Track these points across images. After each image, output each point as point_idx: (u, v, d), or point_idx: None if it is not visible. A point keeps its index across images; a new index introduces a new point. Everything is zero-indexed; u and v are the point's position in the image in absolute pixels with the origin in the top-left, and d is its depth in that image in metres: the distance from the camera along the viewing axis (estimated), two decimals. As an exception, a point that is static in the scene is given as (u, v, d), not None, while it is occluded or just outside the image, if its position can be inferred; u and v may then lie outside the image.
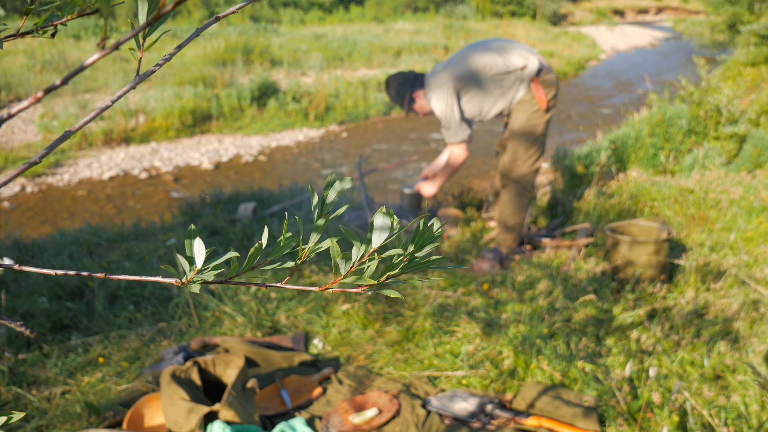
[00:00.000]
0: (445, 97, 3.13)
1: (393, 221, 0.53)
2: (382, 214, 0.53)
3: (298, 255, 0.54)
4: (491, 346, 2.33)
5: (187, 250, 0.51)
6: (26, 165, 0.46)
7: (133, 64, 11.65)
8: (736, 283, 2.78)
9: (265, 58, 13.38)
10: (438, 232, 0.54)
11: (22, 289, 2.99)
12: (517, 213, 3.23)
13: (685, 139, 5.12)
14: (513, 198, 3.22)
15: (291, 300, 2.81)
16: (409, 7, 28.97)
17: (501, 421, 1.95)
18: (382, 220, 0.53)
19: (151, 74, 0.47)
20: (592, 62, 17.17)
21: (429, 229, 0.54)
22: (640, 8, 37.06)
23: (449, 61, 3.23)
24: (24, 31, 0.61)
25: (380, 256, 0.53)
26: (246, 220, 3.95)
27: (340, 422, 1.96)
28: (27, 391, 2.16)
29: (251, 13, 23.52)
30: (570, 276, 2.91)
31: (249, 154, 7.85)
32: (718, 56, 12.78)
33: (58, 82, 0.36)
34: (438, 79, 3.17)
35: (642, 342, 2.32)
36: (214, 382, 2.07)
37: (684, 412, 1.90)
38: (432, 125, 9.67)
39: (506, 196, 3.24)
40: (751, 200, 3.68)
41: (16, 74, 10.27)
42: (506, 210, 3.26)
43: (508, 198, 3.24)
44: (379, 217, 0.53)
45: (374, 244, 0.53)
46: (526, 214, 3.30)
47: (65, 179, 6.76)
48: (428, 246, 0.53)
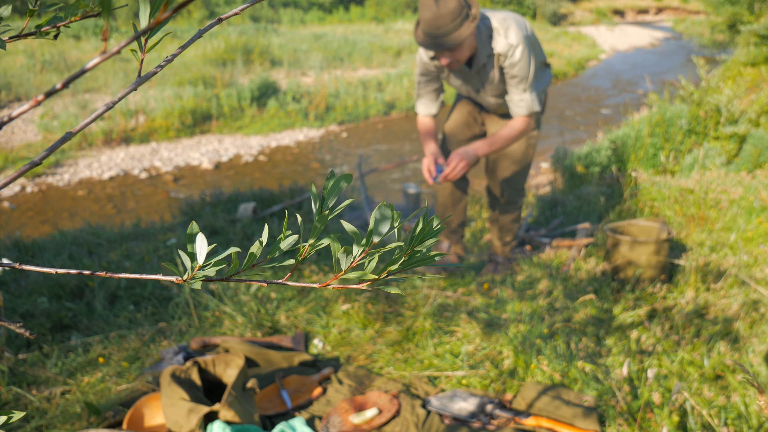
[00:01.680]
0: (528, 51, 2.50)
1: (393, 216, 0.53)
2: (382, 208, 0.53)
3: (299, 252, 0.54)
4: (491, 346, 2.34)
5: (189, 247, 0.51)
6: (27, 166, 0.46)
7: (133, 64, 11.65)
8: (736, 283, 2.78)
9: (265, 58, 13.38)
10: (438, 229, 0.54)
11: (22, 289, 2.99)
12: (517, 228, 3.14)
13: (685, 139, 5.12)
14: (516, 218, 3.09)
15: (291, 300, 2.81)
16: (409, 7, 28.95)
17: (501, 421, 1.95)
18: (382, 214, 0.53)
19: (152, 76, 0.47)
20: (592, 62, 17.17)
21: (429, 224, 0.54)
22: (640, 8, 37.06)
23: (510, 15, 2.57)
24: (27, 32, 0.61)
25: (381, 249, 0.53)
26: (246, 220, 3.95)
27: (340, 422, 1.96)
28: (27, 391, 2.16)
29: (251, 13, 23.50)
30: (570, 276, 2.91)
31: (249, 154, 7.85)
32: (718, 56, 12.78)
33: (59, 86, 0.37)
34: (520, 22, 2.53)
35: (642, 342, 2.32)
36: (214, 382, 2.07)
37: (684, 412, 1.90)
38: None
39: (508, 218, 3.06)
40: (751, 200, 3.68)
41: (16, 74, 10.27)
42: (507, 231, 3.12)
43: (510, 219, 3.06)
44: (379, 212, 0.53)
45: (375, 239, 0.53)
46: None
47: (65, 179, 6.76)
48: (428, 241, 0.54)
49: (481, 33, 2.50)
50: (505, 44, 2.48)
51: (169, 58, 0.49)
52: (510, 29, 2.47)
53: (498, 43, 2.49)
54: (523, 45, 2.46)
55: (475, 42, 2.49)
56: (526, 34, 2.50)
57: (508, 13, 2.56)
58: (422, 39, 2.43)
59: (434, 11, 2.33)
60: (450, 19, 2.33)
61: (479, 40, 2.50)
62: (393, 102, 10.49)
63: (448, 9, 2.33)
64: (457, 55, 2.45)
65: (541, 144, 8.45)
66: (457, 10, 2.33)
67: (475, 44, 2.50)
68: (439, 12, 2.33)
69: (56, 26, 0.61)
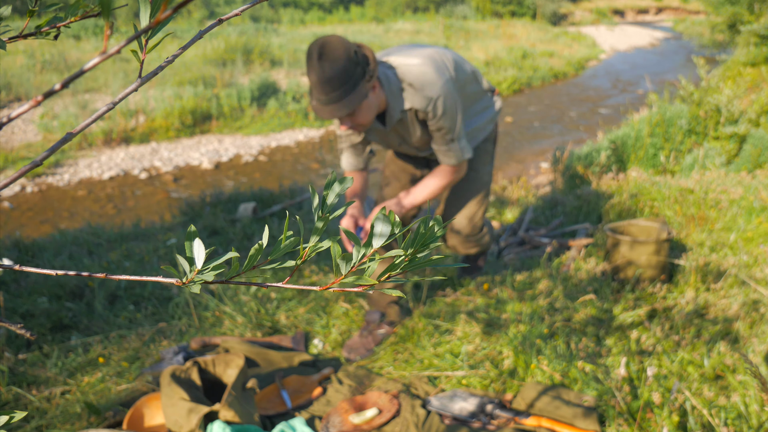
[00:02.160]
0: (453, 97, 2.15)
1: (394, 221, 0.53)
2: (382, 214, 0.53)
3: (299, 255, 0.54)
4: (491, 346, 2.34)
5: (187, 251, 0.51)
6: (28, 167, 0.46)
7: (133, 64, 11.65)
8: (736, 283, 2.78)
9: (265, 58, 13.39)
10: (439, 232, 0.54)
11: (22, 289, 3.00)
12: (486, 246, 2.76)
13: (685, 139, 5.12)
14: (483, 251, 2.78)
15: (291, 300, 2.81)
16: (409, 7, 28.97)
17: (501, 421, 1.95)
18: (382, 220, 0.53)
19: (153, 76, 0.47)
20: (592, 62, 17.17)
21: (430, 229, 0.54)
22: (640, 8, 37.07)
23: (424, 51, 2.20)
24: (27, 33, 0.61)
25: (381, 257, 0.53)
26: (246, 220, 3.95)
27: (340, 422, 1.96)
28: (27, 391, 2.16)
29: (251, 13, 23.51)
30: (570, 276, 2.91)
31: (249, 154, 7.85)
32: (718, 56, 12.78)
33: (58, 86, 0.37)
34: (438, 62, 2.15)
35: (642, 342, 2.32)
36: (214, 382, 2.08)
37: (684, 412, 1.90)
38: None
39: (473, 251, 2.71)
40: (751, 200, 3.68)
41: (16, 74, 10.27)
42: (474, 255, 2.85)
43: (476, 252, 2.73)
44: (380, 218, 0.53)
45: (375, 244, 0.53)
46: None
47: (65, 179, 6.76)
48: (429, 246, 0.54)
49: (391, 85, 2.10)
50: (422, 98, 2.10)
51: (169, 59, 0.49)
52: (426, 80, 2.08)
53: (413, 98, 2.11)
54: (444, 95, 2.09)
55: (384, 96, 2.11)
56: (448, 78, 2.13)
57: (424, 52, 2.17)
58: (314, 105, 2.01)
59: (320, 74, 1.92)
60: (340, 83, 1.92)
61: (389, 94, 2.11)
62: (393, 102, 10.47)
63: (337, 70, 1.90)
64: (358, 120, 2.04)
65: (541, 144, 8.46)
66: (347, 70, 1.92)
67: (382, 100, 2.11)
68: (325, 75, 1.91)
69: (56, 26, 0.61)
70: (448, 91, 2.11)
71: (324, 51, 1.90)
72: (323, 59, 1.90)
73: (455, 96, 2.14)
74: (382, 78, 2.09)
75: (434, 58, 2.14)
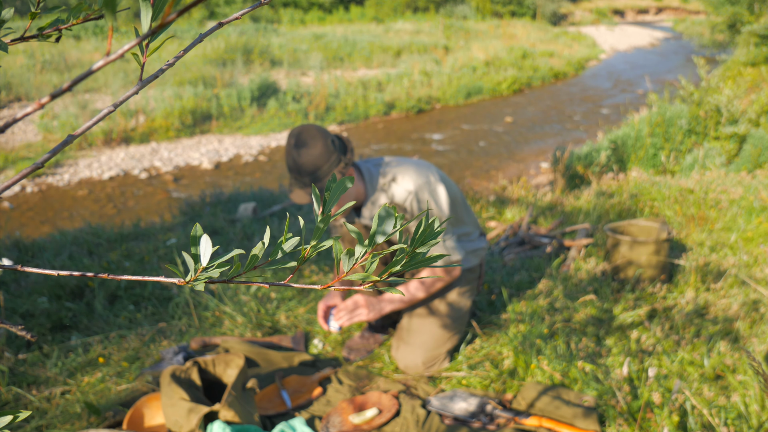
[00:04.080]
0: (437, 191, 2.08)
1: (395, 218, 0.54)
2: (385, 209, 0.53)
3: (300, 254, 0.54)
4: (491, 346, 2.34)
5: (193, 248, 0.51)
6: (30, 169, 0.46)
7: (133, 64, 11.65)
8: (736, 283, 2.79)
9: (265, 58, 13.39)
10: (439, 230, 0.54)
11: (22, 289, 3.00)
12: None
13: (685, 139, 5.13)
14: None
15: (291, 300, 2.81)
16: (409, 7, 28.97)
17: (501, 421, 1.95)
18: (384, 216, 0.54)
19: (154, 79, 0.47)
20: (592, 62, 17.18)
21: (430, 226, 0.54)
22: (640, 8, 37.07)
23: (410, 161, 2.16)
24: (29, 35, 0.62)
25: (383, 252, 0.53)
26: (246, 220, 3.95)
27: (340, 422, 1.96)
28: (27, 391, 2.16)
29: (251, 13, 23.51)
30: (570, 276, 2.91)
31: (249, 154, 7.86)
32: (718, 56, 12.79)
33: (66, 86, 0.37)
34: (418, 165, 2.12)
35: (642, 342, 2.32)
36: (214, 382, 2.08)
37: (684, 411, 1.90)
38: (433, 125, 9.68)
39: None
40: (751, 200, 3.69)
41: (16, 74, 10.27)
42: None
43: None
44: (382, 214, 0.53)
45: (378, 240, 0.53)
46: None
47: (65, 179, 6.76)
48: (429, 243, 0.54)
49: (373, 177, 2.07)
50: (401, 192, 2.03)
51: (170, 62, 0.49)
52: (408, 175, 2.06)
53: (392, 191, 2.05)
54: (427, 188, 2.05)
55: (362, 188, 2.06)
56: (427, 180, 2.07)
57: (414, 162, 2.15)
58: (287, 187, 2.03)
59: (294, 158, 1.91)
60: (312, 168, 1.90)
61: (369, 186, 2.06)
62: (393, 102, 10.50)
63: (312, 156, 1.89)
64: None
65: (541, 144, 8.46)
66: (322, 157, 1.89)
67: (360, 191, 2.06)
68: (300, 159, 1.90)
69: (58, 29, 0.61)
70: (432, 186, 2.06)
71: (300, 139, 1.91)
72: (298, 147, 1.91)
73: (441, 191, 2.08)
74: (365, 172, 2.07)
75: (421, 164, 2.13)
